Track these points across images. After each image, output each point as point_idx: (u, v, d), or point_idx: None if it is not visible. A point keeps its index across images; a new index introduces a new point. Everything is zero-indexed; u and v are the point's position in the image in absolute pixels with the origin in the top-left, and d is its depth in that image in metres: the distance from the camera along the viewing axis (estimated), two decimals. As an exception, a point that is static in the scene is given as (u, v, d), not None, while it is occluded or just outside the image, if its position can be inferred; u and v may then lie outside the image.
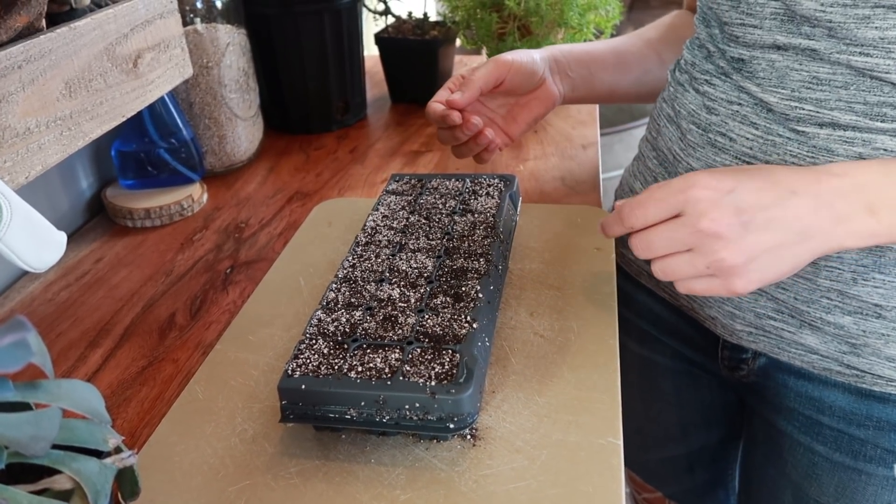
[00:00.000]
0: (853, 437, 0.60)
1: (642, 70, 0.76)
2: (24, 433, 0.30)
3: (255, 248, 0.75)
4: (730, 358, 0.68)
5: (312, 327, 0.50)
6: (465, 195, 0.65)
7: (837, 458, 0.62)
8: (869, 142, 0.50)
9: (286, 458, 0.47)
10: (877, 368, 0.56)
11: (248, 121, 0.91)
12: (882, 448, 0.59)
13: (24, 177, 0.49)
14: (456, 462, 0.45)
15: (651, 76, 0.75)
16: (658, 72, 0.75)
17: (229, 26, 0.86)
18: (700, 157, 0.59)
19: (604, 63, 0.76)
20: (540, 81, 0.72)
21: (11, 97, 0.47)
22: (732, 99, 0.57)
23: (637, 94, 0.78)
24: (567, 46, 0.76)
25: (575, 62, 0.75)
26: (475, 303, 0.51)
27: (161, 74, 0.65)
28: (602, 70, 0.76)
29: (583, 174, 0.85)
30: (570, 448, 0.46)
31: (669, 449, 0.84)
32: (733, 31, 0.56)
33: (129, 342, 0.62)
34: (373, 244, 0.59)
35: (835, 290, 0.55)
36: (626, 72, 0.76)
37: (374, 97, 1.14)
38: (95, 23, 0.55)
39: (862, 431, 0.60)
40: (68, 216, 0.81)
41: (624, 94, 0.78)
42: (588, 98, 0.77)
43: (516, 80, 0.70)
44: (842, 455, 0.61)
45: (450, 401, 0.43)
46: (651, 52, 0.76)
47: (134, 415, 0.54)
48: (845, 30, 0.49)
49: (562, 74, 0.74)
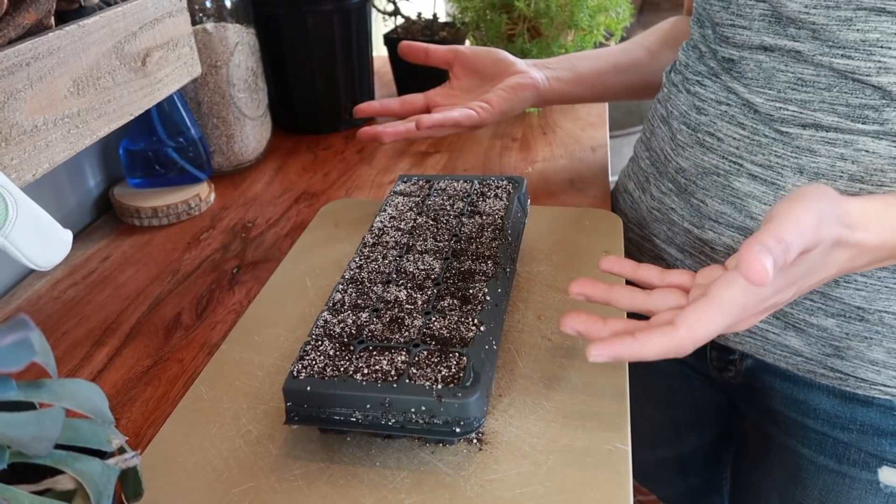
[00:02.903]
0: (837, 440, 0.60)
1: (630, 59, 0.76)
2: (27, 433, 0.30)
3: (261, 248, 0.74)
4: (718, 359, 0.68)
5: (318, 328, 0.49)
6: (473, 197, 0.65)
7: (822, 462, 0.62)
8: (850, 143, 0.51)
9: (290, 459, 0.46)
10: (860, 371, 0.56)
11: (256, 120, 0.91)
12: (866, 452, 0.59)
13: (31, 174, 0.49)
14: (462, 466, 0.45)
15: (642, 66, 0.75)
16: (648, 63, 0.75)
17: (238, 26, 0.86)
18: (689, 157, 0.60)
19: (585, 56, 0.78)
20: (509, 65, 0.73)
21: (19, 94, 0.47)
22: (721, 99, 0.57)
23: (629, 84, 0.77)
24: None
25: (554, 60, 0.77)
26: (482, 305, 0.50)
27: (169, 73, 0.65)
28: (582, 59, 0.77)
29: (592, 176, 0.85)
30: (577, 453, 0.45)
31: (662, 451, 0.84)
32: (724, 31, 0.57)
33: (134, 341, 0.61)
34: (380, 245, 0.59)
35: (818, 292, 0.55)
36: (610, 59, 0.77)
37: (383, 97, 1.14)
38: (104, 21, 0.55)
39: (846, 435, 0.60)
40: (76, 214, 0.81)
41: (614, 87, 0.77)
42: (577, 84, 0.76)
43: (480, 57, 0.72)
44: (826, 458, 0.61)
45: (456, 405, 0.43)
46: (636, 46, 0.77)
47: (139, 414, 0.54)
48: (828, 32, 0.50)
49: (539, 66, 0.75)
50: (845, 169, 0.51)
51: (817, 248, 0.41)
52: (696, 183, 0.60)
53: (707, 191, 0.59)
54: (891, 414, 0.57)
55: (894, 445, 0.58)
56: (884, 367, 0.55)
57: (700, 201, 0.60)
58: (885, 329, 0.54)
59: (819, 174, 0.52)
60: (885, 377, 0.56)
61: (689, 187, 0.61)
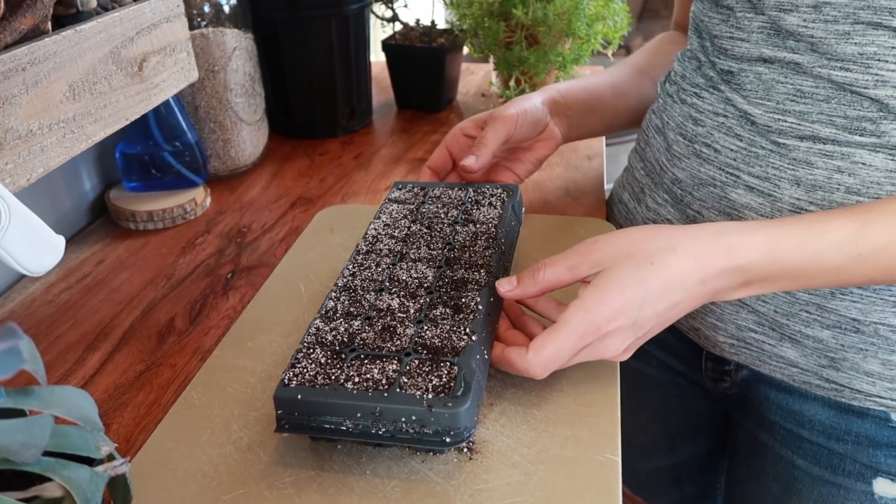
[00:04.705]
0: (832, 451, 0.60)
1: (640, 97, 0.76)
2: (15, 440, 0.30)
3: (256, 253, 0.75)
4: (713, 369, 0.68)
5: (310, 336, 0.49)
6: (467, 205, 0.65)
7: (817, 473, 0.62)
8: (848, 155, 0.51)
9: (281, 467, 0.46)
10: (855, 383, 0.56)
11: (253, 125, 0.91)
12: (861, 463, 0.59)
13: (25, 179, 0.49)
14: (452, 475, 0.45)
15: (649, 102, 0.76)
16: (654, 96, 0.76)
17: (236, 30, 0.86)
18: (685, 168, 0.60)
19: (601, 96, 0.76)
20: (543, 126, 0.72)
21: (14, 99, 0.47)
22: (719, 111, 0.58)
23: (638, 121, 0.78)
24: (564, 85, 0.76)
25: (574, 101, 0.74)
26: (474, 314, 0.50)
27: (166, 78, 0.65)
28: (600, 104, 0.76)
29: (587, 185, 0.85)
30: (567, 464, 0.45)
31: (657, 460, 0.84)
32: (722, 43, 0.58)
33: (127, 346, 0.61)
34: (373, 253, 0.59)
35: (813, 303, 0.55)
36: (624, 101, 0.76)
37: (380, 103, 1.14)
38: (101, 26, 0.55)
39: (841, 446, 0.60)
40: (71, 217, 0.81)
41: (623, 123, 0.78)
42: (588, 134, 0.78)
43: (522, 132, 0.70)
44: (821, 469, 0.62)
45: (447, 414, 0.43)
46: (644, 77, 0.77)
47: (130, 420, 0.53)
48: (826, 45, 0.50)
49: (560, 115, 0.74)
50: (842, 181, 0.51)
51: (611, 270, 0.47)
52: (692, 194, 0.60)
53: (703, 202, 0.59)
54: (886, 425, 0.58)
55: (889, 457, 0.58)
56: (879, 378, 0.55)
57: (696, 212, 0.60)
58: (881, 341, 0.54)
59: (816, 186, 0.52)
60: (880, 388, 0.56)
61: (685, 198, 0.61)
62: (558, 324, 0.47)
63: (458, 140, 0.71)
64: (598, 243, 0.49)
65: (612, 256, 0.48)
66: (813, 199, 0.52)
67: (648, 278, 0.47)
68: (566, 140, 0.75)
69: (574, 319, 0.47)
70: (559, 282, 0.50)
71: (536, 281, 0.50)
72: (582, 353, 0.48)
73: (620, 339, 0.48)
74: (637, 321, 0.47)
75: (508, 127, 0.68)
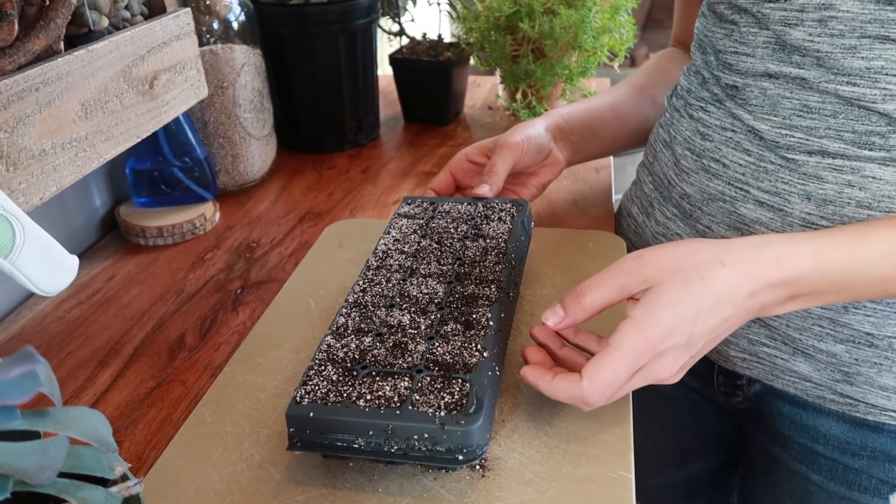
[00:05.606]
0: (848, 466, 0.60)
1: (641, 118, 0.77)
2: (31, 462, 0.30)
3: (265, 268, 0.75)
4: (725, 384, 0.68)
5: (322, 353, 0.49)
6: (476, 220, 0.65)
7: (832, 488, 0.61)
8: (858, 170, 0.51)
9: (293, 485, 0.46)
10: (870, 397, 0.56)
11: (261, 140, 0.91)
12: (876, 478, 0.59)
13: (38, 198, 0.49)
14: (464, 493, 0.45)
15: (650, 123, 0.76)
16: (655, 116, 0.76)
17: (245, 46, 0.86)
18: (693, 183, 0.60)
19: (602, 119, 0.76)
20: (548, 153, 0.73)
21: (28, 119, 0.48)
22: (726, 126, 0.58)
23: (640, 141, 0.78)
24: (566, 109, 0.76)
25: (576, 124, 0.75)
26: (485, 330, 0.50)
27: (176, 95, 0.65)
28: (602, 127, 0.76)
29: (595, 197, 0.85)
30: (580, 481, 0.45)
31: (668, 475, 0.84)
32: (727, 58, 0.57)
33: (138, 362, 0.62)
34: (384, 268, 0.59)
35: (826, 317, 0.55)
36: (625, 122, 0.77)
37: (388, 117, 1.14)
38: (113, 45, 0.56)
39: (856, 461, 0.59)
40: (81, 233, 0.81)
41: (625, 144, 0.79)
42: (590, 157, 0.78)
43: (528, 158, 0.70)
44: (837, 485, 0.61)
45: (459, 432, 0.43)
46: (645, 97, 0.77)
47: (141, 437, 0.54)
48: (832, 59, 0.50)
49: (564, 140, 0.74)
50: (853, 195, 0.51)
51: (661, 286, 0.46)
52: (701, 209, 0.60)
53: (713, 217, 0.59)
54: None
55: None
56: (894, 392, 0.55)
57: (706, 227, 0.60)
58: (895, 355, 0.54)
59: (827, 200, 0.52)
60: (895, 403, 0.55)
61: (694, 213, 0.61)
62: (610, 346, 0.45)
63: (462, 165, 0.72)
64: (643, 259, 0.48)
65: (660, 272, 0.46)
66: (824, 213, 0.52)
67: (699, 294, 0.45)
68: (569, 164, 0.76)
69: (627, 340, 0.45)
70: (609, 303, 0.48)
71: (584, 307, 0.48)
72: (637, 375, 0.46)
73: (674, 358, 0.46)
74: (690, 338, 0.46)
75: (515, 154, 0.69)
